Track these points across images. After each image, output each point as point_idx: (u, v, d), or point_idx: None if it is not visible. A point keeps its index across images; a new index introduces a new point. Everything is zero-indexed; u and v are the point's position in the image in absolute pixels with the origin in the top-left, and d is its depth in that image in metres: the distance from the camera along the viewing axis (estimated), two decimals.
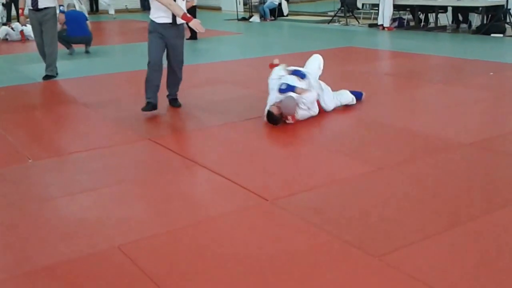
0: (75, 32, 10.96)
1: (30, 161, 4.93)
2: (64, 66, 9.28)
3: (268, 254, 3.19)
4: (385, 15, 14.17)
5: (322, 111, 5.88)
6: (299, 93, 5.56)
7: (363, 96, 6.41)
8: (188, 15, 5.65)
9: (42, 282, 3.04)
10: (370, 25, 15.29)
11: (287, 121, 5.57)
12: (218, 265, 3.10)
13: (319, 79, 6.09)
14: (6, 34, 13.68)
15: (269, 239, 3.38)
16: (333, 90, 6.12)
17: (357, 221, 3.58)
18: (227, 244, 3.35)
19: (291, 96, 5.50)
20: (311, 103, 5.65)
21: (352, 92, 6.25)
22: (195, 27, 5.49)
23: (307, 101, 5.58)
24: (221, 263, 3.12)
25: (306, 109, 5.62)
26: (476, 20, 13.34)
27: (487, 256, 3.10)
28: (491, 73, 8.10)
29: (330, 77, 6.56)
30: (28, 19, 8.72)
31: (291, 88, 5.56)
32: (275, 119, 5.50)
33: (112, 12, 20.08)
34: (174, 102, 6.43)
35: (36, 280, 3.05)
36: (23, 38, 13.48)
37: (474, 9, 13.25)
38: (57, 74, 8.69)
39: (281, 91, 5.55)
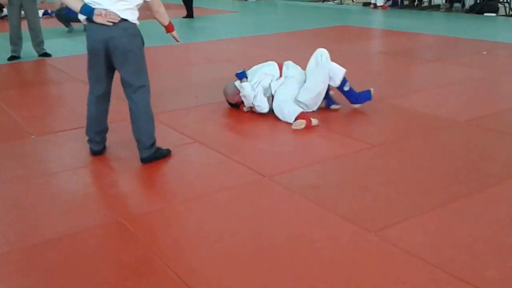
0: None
1: (32, 136, 4.99)
2: (63, 43, 9.28)
3: (266, 229, 3.26)
4: None
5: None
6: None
7: (372, 93, 5.52)
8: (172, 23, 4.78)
9: (47, 254, 3.08)
10: (364, 4, 15.30)
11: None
12: (217, 239, 3.16)
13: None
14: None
15: (267, 215, 3.45)
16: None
17: (353, 197, 3.64)
18: (226, 219, 3.41)
19: (232, 83, 5.52)
20: (248, 97, 5.34)
21: (359, 93, 5.50)
22: (175, 37, 5.12)
23: (244, 93, 5.35)
24: (220, 238, 3.17)
25: (246, 101, 5.44)
26: None
27: (481, 232, 3.14)
28: (484, 52, 8.18)
29: None
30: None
31: (244, 75, 5.47)
32: (230, 104, 5.64)
33: None
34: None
35: (41, 253, 3.10)
36: None
37: None
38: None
39: (236, 74, 5.50)
